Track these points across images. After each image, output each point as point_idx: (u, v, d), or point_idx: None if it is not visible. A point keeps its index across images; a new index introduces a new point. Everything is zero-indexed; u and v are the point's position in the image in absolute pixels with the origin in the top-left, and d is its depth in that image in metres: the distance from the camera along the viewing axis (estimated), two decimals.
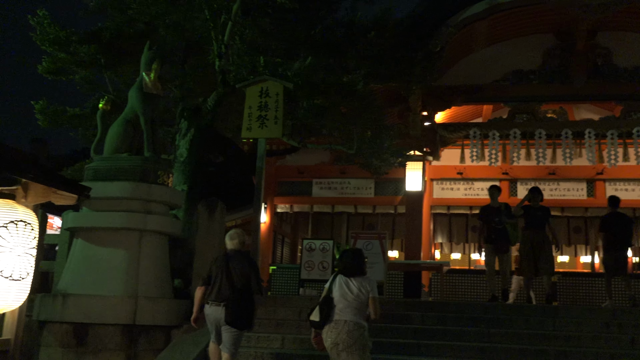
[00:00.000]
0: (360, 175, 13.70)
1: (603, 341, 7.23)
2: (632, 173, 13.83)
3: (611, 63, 12.03)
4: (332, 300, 5.16)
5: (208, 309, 5.95)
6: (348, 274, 5.19)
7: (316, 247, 10.35)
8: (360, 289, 5.10)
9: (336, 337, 5.00)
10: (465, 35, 11.70)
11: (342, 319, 5.05)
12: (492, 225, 9.46)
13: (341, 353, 4.97)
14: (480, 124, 12.52)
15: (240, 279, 5.92)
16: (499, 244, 9.46)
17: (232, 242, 6.16)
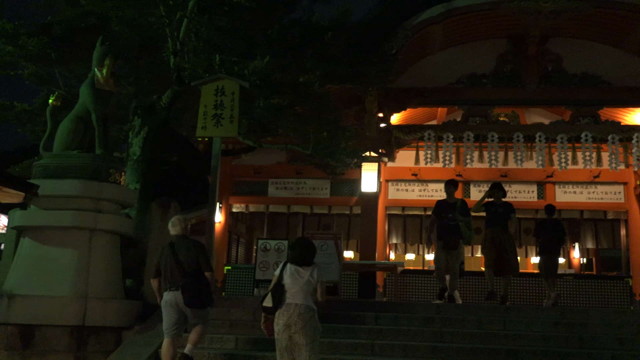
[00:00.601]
0: (316, 175, 13.71)
1: (552, 340, 7.40)
2: (581, 176, 14.22)
3: (561, 69, 12.34)
4: (283, 286, 5.47)
5: (166, 295, 6.17)
6: (299, 264, 5.53)
7: (271, 247, 10.31)
8: (311, 274, 5.49)
9: (288, 319, 5.34)
10: (421, 39, 11.83)
11: (293, 303, 5.40)
12: (444, 221, 9.08)
13: (294, 335, 5.32)
14: (434, 126, 12.69)
15: (188, 261, 6.17)
16: (449, 241, 9.04)
17: (175, 228, 6.37)
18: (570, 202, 14.39)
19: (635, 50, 12.10)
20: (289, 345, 5.37)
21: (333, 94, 10.77)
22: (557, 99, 12.49)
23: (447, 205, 9.18)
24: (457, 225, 8.97)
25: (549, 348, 7.09)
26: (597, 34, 12.19)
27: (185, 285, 6.07)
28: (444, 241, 9.07)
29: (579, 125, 12.06)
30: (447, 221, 9.02)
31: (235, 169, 14.56)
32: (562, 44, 12.41)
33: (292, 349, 5.37)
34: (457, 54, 12.62)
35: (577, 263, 18.37)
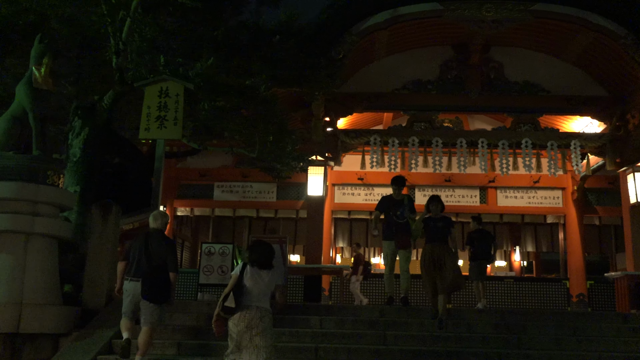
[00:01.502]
0: (262, 179, 13.66)
1: (492, 342, 7.55)
2: (521, 182, 14.63)
3: (503, 77, 12.64)
4: (244, 288, 5.55)
5: (127, 284, 6.43)
6: (260, 266, 5.60)
7: (215, 251, 10.20)
8: (271, 278, 5.62)
9: (250, 321, 5.44)
10: (367, 44, 11.92)
11: (254, 305, 5.50)
12: (393, 219, 8.63)
13: (254, 337, 5.43)
14: (380, 131, 12.81)
15: (157, 256, 6.41)
16: (400, 239, 8.56)
17: (156, 222, 6.65)
18: (511, 206, 14.78)
19: (573, 61, 12.51)
20: (248, 347, 5.46)
21: (280, 98, 10.74)
22: (499, 106, 12.78)
23: (394, 203, 8.75)
24: (407, 223, 8.51)
25: (489, 349, 7.24)
26: (538, 44, 12.55)
27: (148, 278, 6.30)
28: (395, 241, 8.61)
29: (520, 132, 12.37)
30: (397, 219, 8.61)
31: (180, 172, 14.36)
32: (504, 53, 12.72)
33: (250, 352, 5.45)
34: (402, 60, 12.78)
35: (517, 266, 18.89)
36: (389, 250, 8.77)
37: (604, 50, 11.70)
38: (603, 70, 12.25)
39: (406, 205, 8.66)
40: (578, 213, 14.48)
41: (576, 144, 12.15)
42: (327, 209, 14.10)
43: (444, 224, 8.10)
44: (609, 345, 7.58)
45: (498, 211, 14.81)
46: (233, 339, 5.52)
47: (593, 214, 14.61)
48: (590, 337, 7.80)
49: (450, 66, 12.80)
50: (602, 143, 12.36)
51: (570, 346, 7.54)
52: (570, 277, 14.17)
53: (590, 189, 14.49)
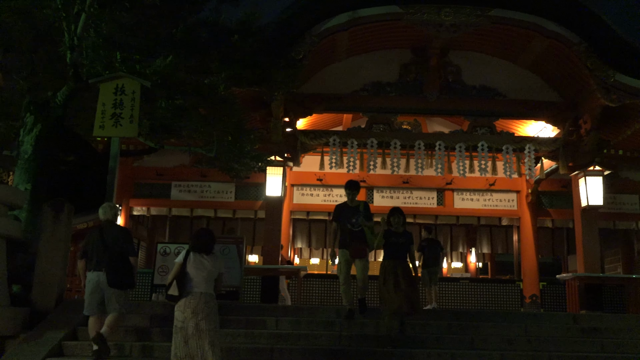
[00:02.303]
0: (220, 179, 13.55)
1: (446, 342, 7.64)
2: (477, 184, 14.85)
3: (460, 80, 12.82)
4: (187, 274, 5.77)
5: (90, 275, 6.65)
6: (202, 251, 5.88)
7: (171, 252, 10.05)
8: (213, 265, 5.87)
9: (196, 306, 5.67)
10: (327, 45, 11.95)
11: (198, 291, 5.74)
12: (347, 227, 8.04)
13: (200, 322, 5.65)
14: (339, 132, 12.84)
15: (115, 245, 6.68)
16: (355, 249, 7.99)
17: (106, 214, 6.93)
18: (467, 208, 14.99)
19: (529, 66, 12.77)
20: (194, 333, 5.64)
21: (239, 97, 10.67)
22: (456, 109, 12.94)
23: (348, 210, 8.17)
24: (362, 232, 8.01)
25: (442, 350, 7.32)
26: (495, 49, 12.77)
27: (110, 266, 6.56)
28: (349, 250, 7.99)
29: (476, 135, 12.56)
30: (351, 227, 8.00)
31: (137, 171, 14.14)
32: (462, 57, 12.90)
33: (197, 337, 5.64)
34: (362, 62, 12.85)
35: (473, 267, 19.18)
36: (343, 260, 8.11)
37: (558, 57, 11.98)
38: (557, 76, 12.54)
39: (361, 212, 8.06)
40: (532, 216, 14.78)
41: (530, 148, 12.39)
42: (285, 210, 14.07)
43: (406, 239, 7.59)
44: (559, 345, 7.76)
45: (455, 213, 15.00)
46: (178, 329, 5.68)
47: (546, 216, 14.92)
48: (541, 337, 7.97)
49: (409, 69, 12.91)
50: (556, 147, 12.64)
51: (521, 346, 7.69)
52: (524, 278, 14.45)
53: (543, 192, 14.80)
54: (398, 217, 7.63)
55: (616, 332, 8.32)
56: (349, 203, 8.25)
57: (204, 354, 5.63)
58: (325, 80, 12.74)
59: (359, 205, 8.18)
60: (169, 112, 9.25)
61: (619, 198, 14.71)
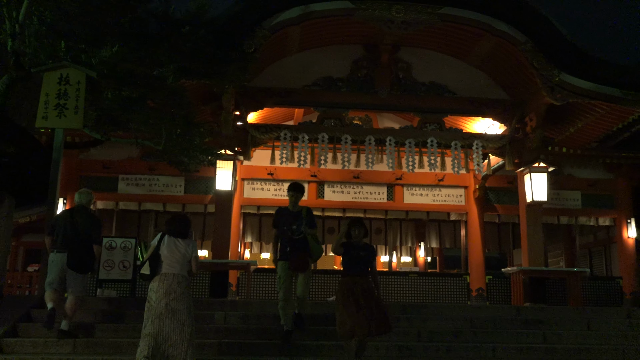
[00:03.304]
0: (170, 172, 13.34)
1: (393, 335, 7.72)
2: (427, 180, 15.06)
3: (411, 77, 12.94)
4: (160, 256, 6.10)
5: (53, 255, 7.00)
6: (176, 235, 6.19)
7: (117, 246, 9.87)
8: (187, 249, 6.17)
9: (169, 287, 5.99)
10: (279, 39, 11.89)
11: (171, 272, 6.06)
12: (287, 234, 7.32)
13: (171, 302, 5.93)
14: (290, 127, 12.81)
15: (82, 230, 7.03)
16: (296, 261, 7.22)
17: (81, 199, 7.35)
18: (417, 203, 15.18)
19: (478, 64, 12.99)
20: (165, 312, 5.91)
21: (188, 89, 10.52)
22: (407, 105, 13.06)
23: (289, 215, 7.44)
24: (304, 241, 7.29)
25: (390, 342, 7.41)
26: (445, 46, 12.94)
27: (74, 250, 6.94)
28: (290, 262, 7.24)
29: (426, 131, 12.71)
30: (292, 234, 7.30)
31: (82, 164, 13.78)
32: (413, 54, 13.02)
33: (166, 316, 5.90)
34: (314, 57, 12.83)
35: (422, 261, 19.46)
36: (282, 273, 7.31)
37: (505, 55, 12.23)
38: (504, 75, 12.80)
39: (304, 219, 7.33)
40: (479, 211, 15.08)
41: (478, 145, 12.62)
42: (236, 204, 13.97)
43: (367, 253, 6.87)
44: (503, 336, 7.96)
45: (404, 208, 15.17)
46: (152, 308, 5.95)
47: (493, 211, 15.24)
48: (486, 329, 8.16)
49: (360, 64, 12.95)
50: (502, 144, 12.91)
51: (467, 338, 7.85)
52: (471, 272, 14.75)
53: (490, 188, 15.10)
54: (359, 228, 6.84)
55: (557, 323, 8.59)
56: (290, 208, 7.53)
57: (175, 332, 5.89)
58: (277, 74, 12.68)
59: (301, 211, 7.44)
60: (116, 104, 9.05)
61: (562, 194, 15.14)
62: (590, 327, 8.66)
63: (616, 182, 15.36)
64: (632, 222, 15.12)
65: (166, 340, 5.86)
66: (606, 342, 8.17)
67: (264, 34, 11.20)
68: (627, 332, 8.54)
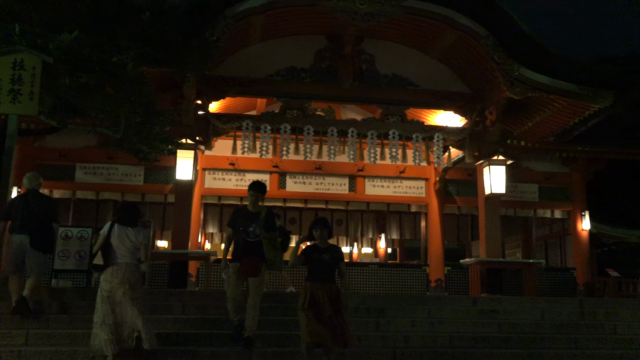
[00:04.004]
0: (129, 161, 13.15)
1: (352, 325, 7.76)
2: (388, 171, 15.17)
3: (374, 69, 12.97)
4: (112, 246, 6.17)
5: (14, 237, 7.16)
6: (126, 224, 6.28)
7: (73, 235, 9.68)
8: (137, 237, 6.28)
9: (123, 276, 6.09)
10: (242, 28, 11.77)
11: (124, 262, 6.16)
12: (243, 236, 6.88)
13: (128, 291, 6.07)
14: (253, 117, 12.74)
15: (39, 211, 7.27)
16: (247, 265, 6.78)
17: (31, 183, 7.61)
18: (378, 195, 15.29)
19: (439, 57, 13.09)
20: (123, 301, 6.05)
21: (149, 77, 10.29)
22: (369, 97, 13.09)
23: (247, 215, 6.99)
24: (259, 244, 6.81)
25: None
26: (408, 39, 12.99)
27: (34, 230, 7.14)
28: (240, 265, 6.86)
29: (388, 123, 12.77)
30: (246, 236, 6.85)
31: (38, 151, 13.48)
32: (376, 46, 13.05)
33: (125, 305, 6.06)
34: (277, 47, 12.75)
35: (382, 253, 19.63)
36: (233, 274, 6.95)
37: (467, 49, 12.35)
38: (466, 68, 12.93)
39: (262, 220, 6.85)
40: (439, 203, 15.27)
41: (439, 137, 12.74)
42: (196, 194, 13.86)
43: (332, 256, 6.30)
44: (459, 326, 8.09)
45: (366, 199, 15.26)
46: (105, 299, 6.03)
47: (452, 203, 15.45)
48: (443, 319, 8.28)
49: (324, 55, 12.92)
50: (463, 137, 13.06)
51: (424, 327, 7.96)
52: (430, 263, 14.94)
53: (450, 180, 15.30)
54: (322, 229, 6.31)
55: (512, 313, 8.78)
56: (249, 207, 7.07)
57: (133, 320, 6.05)
58: (240, 63, 12.56)
59: (260, 212, 6.96)
60: (73, 90, 8.83)
61: (519, 187, 15.44)
62: (544, 317, 8.87)
63: (571, 175, 15.76)
64: (586, 214, 15.54)
65: (126, 328, 6.07)
66: (559, 331, 8.38)
67: (227, 22, 11.07)
68: (579, 322, 8.78)
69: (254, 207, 7.06)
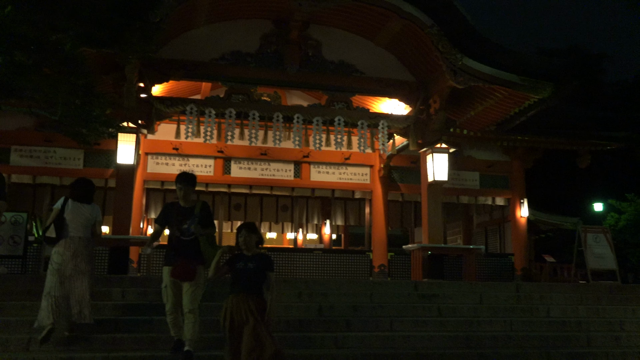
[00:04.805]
0: (68, 144, 12.76)
1: (294, 309, 7.82)
2: (333, 158, 15.23)
3: (320, 55, 12.93)
4: (65, 220, 6.30)
5: None
6: (81, 200, 6.44)
7: (7, 220, 9.36)
8: (91, 212, 6.48)
9: (75, 249, 6.26)
10: (187, 9, 11.54)
11: (77, 236, 6.33)
12: (176, 234, 6.22)
13: (80, 264, 6.27)
14: (197, 101, 12.53)
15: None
16: (181, 267, 6.09)
17: None
18: (323, 181, 15.33)
19: (385, 45, 13.16)
20: (73, 274, 6.21)
21: (89, 58, 10.03)
22: (315, 83, 13.06)
23: (180, 212, 6.30)
24: (195, 242, 6.15)
25: (291, 317, 7.49)
26: (354, 26, 13.01)
27: None
28: (173, 268, 6.18)
29: (333, 110, 12.79)
30: (181, 235, 6.21)
31: None
32: (322, 32, 13.00)
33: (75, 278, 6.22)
34: (222, 30, 12.56)
35: (327, 239, 19.74)
36: (169, 280, 6.27)
37: (412, 38, 12.45)
38: (411, 57, 13.05)
39: (196, 216, 6.22)
40: (383, 189, 15.42)
41: (384, 124, 12.85)
42: (138, 179, 13.59)
43: (258, 265, 5.52)
44: (400, 310, 8.22)
45: (311, 186, 15.28)
46: (55, 271, 6.16)
47: (396, 190, 15.63)
48: (385, 304, 8.39)
49: (270, 40, 12.80)
50: (407, 125, 13.20)
51: (366, 312, 8.04)
52: (374, 249, 15.11)
53: (395, 167, 15.47)
54: (248, 234, 5.57)
55: (452, 297, 8.97)
56: (181, 202, 6.39)
57: (81, 294, 6.23)
58: (185, 46, 12.32)
59: (194, 207, 6.29)
60: (7, 69, 8.50)
61: (461, 174, 15.76)
62: (482, 301, 9.11)
63: (511, 164, 16.19)
64: (525, 202, 16.00)
65: (76, 301, 6.25)
66: (496, 315, 8.62)
67: (171, 3, 10.83)
68: (515, 305, 9.05)
69: (185, 201, 6.37)
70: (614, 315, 8.97)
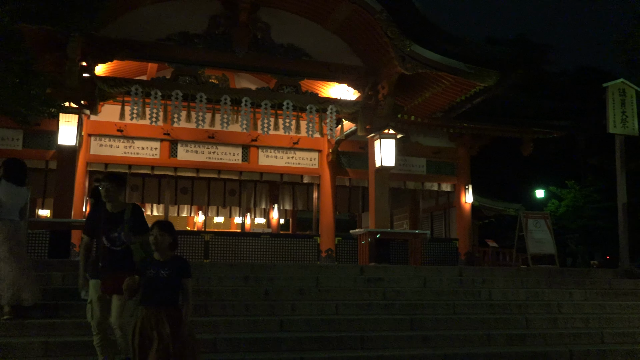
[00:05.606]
0: (5, 124, 12.32)
1: (241, 294, 7.79)
2: (282, 142, 15.17)
3: (269, 38, 12.80)
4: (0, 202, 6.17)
5: None
6: (15, 182, 6.27)
7: None
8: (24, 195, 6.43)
9: (8, 232, 6.17)
10: None
11: (8, 218, 6.21)
12: (104, 244, 5.36)
13: (14, 247, 6.20)
14: (142, 82, 12.24)
15: None
16: (110, 279, 5.21)
17: None
18: (272, 165, 15.28)
19: (335, 29, 13.13)
20: (8, 257, 6.11)
21: (28, 34, 9.65)
22: (264, 66, 12.94)
23: (108, 218, 5.42)
24: (126, 252, 5.26)
25: (238, 301, 7.46)
26: (304, 9, 12.91)
27: None
28: (102, 281, 5.32)
29: (282, 94, 12.71)
30: (111, 245, 5.36)
31: None
32: (272, 14, 12.86)
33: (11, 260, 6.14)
34: (170, 10, 12.27)
35: (275, 223, 19.73)
36: (95, 295, 5.40)
37: (361, 23, 12.46)
38: (360, 42, 13.07)
39: (127, 222, 5.38)
40: (331, 174, 15.47)
41: (332, 109, 12.85)
42: (81, 161, 13.23)
43: (172, 271, 4.66)
44: (346, 294, 8.28)
45: (259, 170, 15.20)
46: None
47: (344, 175, 15.70)
48: (331, 288, 8.45)
49: (218, 22, 12.58)
50: (355, 110, 13.25)
51: (312, 296, 8.08)
52: (322, 234, 15.17)
53: (343, 152, 15.54)
54: (160, 234, 4.68)
55: (397, 281, 9.10)
56: (108, 207, 5.48)
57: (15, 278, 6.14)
58: (130, 24, 11.97)
59: (124, 211, 5.45)
60: None
61: (409, 160, 15.96)
62: (426, 285, 9.27)
63: (457, 150, 16.48)
64: (470, 188, 16.33)
65: (9, 284, 6.15)
66: (439, 298, 8.79)
67: None
68: (458, 289, 9.25)
69: (113, 205, 5.47)
70: (552, 298, 9.27)
